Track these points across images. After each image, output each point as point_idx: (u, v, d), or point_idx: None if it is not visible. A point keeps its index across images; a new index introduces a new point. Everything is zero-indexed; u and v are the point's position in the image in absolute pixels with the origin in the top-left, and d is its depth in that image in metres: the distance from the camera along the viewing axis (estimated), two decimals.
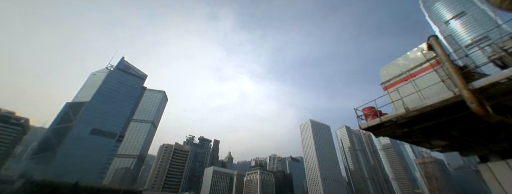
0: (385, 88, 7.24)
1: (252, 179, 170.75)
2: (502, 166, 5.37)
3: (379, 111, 6.86)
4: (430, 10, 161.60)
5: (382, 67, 7.73)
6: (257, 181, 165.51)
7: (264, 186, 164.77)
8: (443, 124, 5.80)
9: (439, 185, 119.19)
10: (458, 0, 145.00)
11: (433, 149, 7.64)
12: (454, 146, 6.89)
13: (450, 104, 5.03)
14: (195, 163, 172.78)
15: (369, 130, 7.04)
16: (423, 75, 6.22)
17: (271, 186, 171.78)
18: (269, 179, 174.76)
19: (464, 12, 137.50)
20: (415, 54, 6.74)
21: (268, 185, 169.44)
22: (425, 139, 6.84)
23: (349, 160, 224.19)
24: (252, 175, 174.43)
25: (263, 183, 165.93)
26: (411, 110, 5.66)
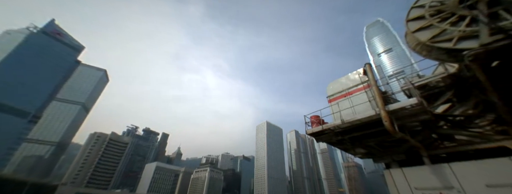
0: (329, 101, 8.07)
1: (200, 177, 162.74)
2: (399, 172, 6.67)
3: (322, 119, 7.65)
4: (369, 43, 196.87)
5: (329, 84, 8.62)
6: (205, 179, 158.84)
7: (212, 185, 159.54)
8: (365, 135, 6.88)
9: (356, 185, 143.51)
10: (389, 39, 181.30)
11: (356, 155, 8.92)
12: (370, 154, 8.28)
13: (372, 120, 6.03)
14: (134, 157, 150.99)
15: (312, 135, 7.70)
16: (357, 94, 7.18)
17: (219, 184, 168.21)
18: (218, 178, 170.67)
19: (391, 49, 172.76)
20: (354, 76, 7.76)
21: (216, 183, 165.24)
22: (352, 147, 7.95)
23: (293, 161, 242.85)
24: (201, 173, 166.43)
25: (211, 181, 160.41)
26: (345, 122, 6.48)
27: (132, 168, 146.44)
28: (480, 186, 5.06)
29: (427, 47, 5.22)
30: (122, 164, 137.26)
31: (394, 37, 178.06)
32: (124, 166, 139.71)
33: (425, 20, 5.48)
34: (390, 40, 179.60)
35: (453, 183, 5.50)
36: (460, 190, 5.29)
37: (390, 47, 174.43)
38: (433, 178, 5.92)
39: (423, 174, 6.16)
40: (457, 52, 4.69)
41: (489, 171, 5.11)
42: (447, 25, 5.02)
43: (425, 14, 5.54)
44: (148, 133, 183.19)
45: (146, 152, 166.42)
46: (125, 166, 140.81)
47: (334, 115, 7.42)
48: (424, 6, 5.71)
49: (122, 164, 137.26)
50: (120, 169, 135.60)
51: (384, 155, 7.64)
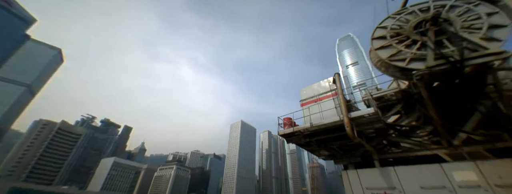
0: (301, 105, 8.42)
1: (164, 175, 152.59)
2: (354, 174, 7.27)
3: (294, 122, 7.93)
4: (340, 54, 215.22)
5: (303, 88, 8.99)
6: (170, 177, 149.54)
7: (177, 183, 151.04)
8: (329, 139, 7.36)
9: (318, 184, 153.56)
10: (356, 53, 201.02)
11: (320, 157, 9.48)
12: (332, 156, 8.89)
13: (336, 125, 6.48)
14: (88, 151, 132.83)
15: (284, 136, 7.90)
16: (326, 101, 7.64)
17: (185, 183, 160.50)
18: (184, 176, 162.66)
19: (357, 62, 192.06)
20: (325, 83, 8.24)
21: (182, 182, 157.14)
22: (317, 149, 8.41)
23: (264, 160, 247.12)
24: (166, 170, 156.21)
25: (177, 179, 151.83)
26: (313, 125, 6.85)
27: (84, 162, 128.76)
28: (416, 188, 5.82)
29: (386, 64, 5.85)
30: (72, 157, 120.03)
31: (361, 52, 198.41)
32: (75, 160, 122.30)
33: (386, 40, 6.15)
34: (357, 54, 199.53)
35: (396, 184, 6.21)
36: (400, 190, 6.02)
37: (357, 60, 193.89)
38: (381, 179, 6.57)
39: (373, 176, 6.76)
40: (408, 71, 5.37)
41: (423, 175, 5.91)
42: (402, 47, 5.72)
43: (387, 35, 6.22)
44: (107, 124, 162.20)
45: (103, 146, 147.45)
46: (76, 160, 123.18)
47: (304, 118, 7.75)
48: (387, 27, 6.41)
49: (72, 157, 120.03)
50: (70, 163, 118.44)
51: (344, 157, 8.25)
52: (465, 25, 5.31)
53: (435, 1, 6.16)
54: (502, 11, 5.28)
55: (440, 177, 5.62)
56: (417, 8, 6.28)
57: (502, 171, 4.95)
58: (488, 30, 5.01)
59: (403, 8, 6.68)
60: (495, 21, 5.07)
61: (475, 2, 5.62)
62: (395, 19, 6.44)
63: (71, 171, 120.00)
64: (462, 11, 5.60)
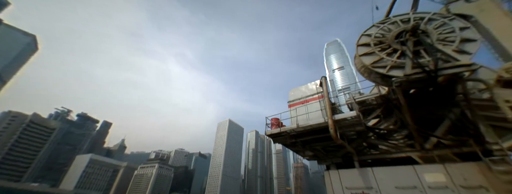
0: (289, 106, 8.52)
1: (145, 174, 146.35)
2: (336, 174, 7.51)
3: (281, 122, 8.03)
4: (327, 59, 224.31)
5: (291, 90, 9.11)
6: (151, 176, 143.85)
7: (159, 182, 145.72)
8: (314, 140, 7.55)
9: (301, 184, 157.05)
10: (342, 58, 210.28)
11: (305, 157, 9.67)
12: (316, 157, 9.11)
13: (321, 127, 6.65)
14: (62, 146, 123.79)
15: (270, 136, 7.94)
16: (312, 103, 7.79)
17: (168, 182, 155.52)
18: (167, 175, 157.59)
19: (343, 67, 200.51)
20: (312, 86, 8.42)
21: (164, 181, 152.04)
22: (302, 149, 8.57)
23: (250, 160, 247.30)
24: (147, 169, 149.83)
25: (159, 178, 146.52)
26: (299, 126, 6.98)
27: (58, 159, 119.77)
28: (391, 188, 6.14)
29: (368, 70, 6.11)
30: (44, 153, 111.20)
31: (347, 57, 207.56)
32: (47, 155, 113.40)
33: (370, 47, 6.42)
34: (343, 60, 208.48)
35: (373, 184, 6.50)
36: (377, 190, 6.32)
37: (343, 65, 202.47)
38: (359, 179, 6.84)
39: (353, 176, 7.02)
40: (388, 78, 5.66)
41: (398, 175, 6.26)
42: (384, 55, 6.01)
43: (371, 42, 6.50)
44: (84, 119, 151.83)
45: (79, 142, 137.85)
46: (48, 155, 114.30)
47: (291, 119, 7.85)
48: (371, 35, 6.69)
49: (44, 153, 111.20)
50: (41, 158, 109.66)
51: (326, 158, 8.49)
52: (440, 38, 5.70)
53: (415, 14, 6.55)
54: (473, 26, 5.75)
55: (413, 178, 5.98)
56: (399, 18, 6.64)
57: (467, 174, 5.38)
58: (460, 43, 5.43)
59: (386, 18, 7.03)
60: (467, 35, 5.50)
61: (450, 16, 6.06)
62: (379, 28, 6.75)
63: (43, 168, 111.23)
64: (438, 24, 6.01)
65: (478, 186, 5.11)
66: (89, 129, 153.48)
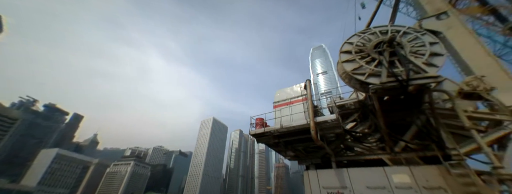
0: (274, 106, 8.63)
1: (119, 171, 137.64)
2: (314, 174, 7.76)
3: (265, 122, 8.13)
4: (313, 63, 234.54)
5: (277, 91, 9.24)
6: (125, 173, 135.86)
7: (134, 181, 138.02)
8: (296, 140, 7.75)
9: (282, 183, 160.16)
10: (326, 63, 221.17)
11: (286, 157, 9.85)
12: (297, 157, 9.34)
13: (303, 128, 6.85)
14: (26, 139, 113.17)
15: (254, 136, 7.98)
16: (296, 104, 7.99)
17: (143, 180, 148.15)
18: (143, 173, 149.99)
19: (326, 72, 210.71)
20: (297, 88, 8.63)
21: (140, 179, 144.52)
22: (284, 150, 8.73)
23: (232, 159, 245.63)
24: (121, 166, 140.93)
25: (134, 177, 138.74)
26: (283, 127, 7.13)
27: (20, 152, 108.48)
28: (363, 188, 6.52)
29: (349, 76, 6.44)
30: (4, 145, 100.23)
31: (330, 63, 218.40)
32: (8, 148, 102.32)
33: (351, 55, 6.77)
34: (327, 65, 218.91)
35: (347, 184, 6.84)
36: (351, 189, 6.67)
37: (326, 70, 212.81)
38: (336, 179, 7.14)
39: (330, 176, 7.30)
40: (366, 85, 6.02)
41: (369, 176, 6.67)
42: (364, 63, 6.37)
43: (352, 50, 6.85)
44: (52, 110, 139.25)
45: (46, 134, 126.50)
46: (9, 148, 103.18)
47: (276, 119, 7.96)
48: (353, 43, 7.06)
49: (4, 145, 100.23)
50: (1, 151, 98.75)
51: (307, 158, 8.74)
52: (412, 50, 6.20)
53: (392, 26, 7.05)
54: (441, 42, 6.34)
55: (382, 178, 6.42)
56: (378, 30, 7.09)
57: (429, 175, 5.90)
58: (429, 56, 5.95)
59: (367, 28, 7.46)
60: (435, 50, 6.05)
61: (422, 32, 6.62)
62: (360, 37, 7.14)
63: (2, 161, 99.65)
64: (411, 38, 6.53)
65: (438, 187, 5.62)
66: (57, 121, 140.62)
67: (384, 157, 7.02)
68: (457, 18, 7.94)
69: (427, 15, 8.54)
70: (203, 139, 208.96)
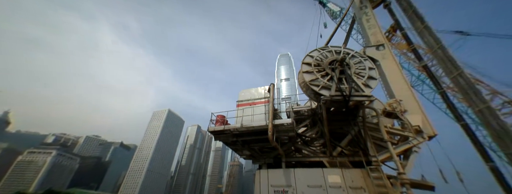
0: (237, 105, 8.70)
1: (35, 161, 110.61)
2: (265, 173, 8.17)
3: (226, 120, 8.11)
4: (278, 68, 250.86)
5: (242, 90, 9.34)
6: (44, 164, 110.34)
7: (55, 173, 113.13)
8: (253, 140, 8.04)
9: (234, 182, 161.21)
10: (290, 70, 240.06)
11: (242, 156, 10.06)
12: (252, 156, 9.65)
13: (262, 129, 7.17)
14: None
15: (213, 133, 7.85)
16: (259, 106, 8.30)
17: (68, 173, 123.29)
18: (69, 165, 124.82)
19: (289, 79, 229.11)
20: (261, 90, 8.95)
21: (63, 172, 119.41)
22: (241, 148, 8.92)
23: (185, 156, 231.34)
24: (38, 155, 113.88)
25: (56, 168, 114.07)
26: (243, 126, 7.31)
27: None
28: (304, 186, 7.28)
29: (306, 86, 7.19)
30: None
31: (293, 71, 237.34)
32: None
33: (311, 67, 7.58)
34: (290, 72, 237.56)
35: (292, 183, 7.47)
36: (294, 188, 7.35)
37: (289, 77, 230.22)
38: (283, 178, 7.70)
39: (278, 175, 7.82)
40: (318, 95, 6.86)
41: (311, 176, 7.50)
42: (319, 76, 7.25)
43: (312, 63, 7.68)
44: None
45: None
46: None
47: (237, 118, 8.06)
48: (313, 57, 7.92)
49: None
50: None
51: (261, 158, 9.14)
52: (356, 71, 7.43)
53: (345, 49, 8.27)
54: (377, 68, 7.82)
55: (320, 178, 7.34)
56: (334, 49, 8.19)
57: (354, 177, 7.05)
58: (367, 79, 7.26)
59: (326, 46, 8.52)
60: (372, 74, 7.42)
61: (365, 57, 8.01)
62: (319, 52, 8.08)
63: None
64: (357, 61, 7.82)
65: (360, 187, 6.78)
66: None
67: (324, 160, 8.07)
68: (390, 51, 9.94)
69: (370, 44, 10.37)
70: (153, 131, 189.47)
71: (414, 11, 10.74)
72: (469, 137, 7.82)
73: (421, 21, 10.32)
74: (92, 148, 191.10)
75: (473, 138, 7.68)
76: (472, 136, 7.74)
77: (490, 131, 7.30)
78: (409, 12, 11.04)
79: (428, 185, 6.88)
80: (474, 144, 7.56)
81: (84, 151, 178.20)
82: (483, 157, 7.26)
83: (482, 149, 7.38)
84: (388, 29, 28.02)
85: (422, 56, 14.19)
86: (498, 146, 7.15)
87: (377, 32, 10.92)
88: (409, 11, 11.01)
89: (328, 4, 33.11)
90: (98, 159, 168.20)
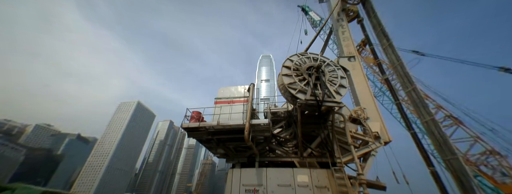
0: (215, 102, 8.47)
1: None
2: (238, 172, 8.10)
3: (202, 117, 7.82)
4: (259, 69, 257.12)
5: (221, 88, 9.13)
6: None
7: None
8: (229, 139, 7.92)
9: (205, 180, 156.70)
10: (271, 72, 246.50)
11: (216, 154, 9.86)
12: (226, 155, 9.53)
13: (238, 128, 7.11)
14: None
15: (187, 130, 7.50)
16: (237, 104, 8.20)
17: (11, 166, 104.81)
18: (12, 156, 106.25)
19: (269, 80, 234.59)
20: (241, 89, 8.88)
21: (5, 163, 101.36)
22: (216, 147, 8.69)
23: (153, 152, 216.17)
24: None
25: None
26: (220, 124, 7.15)
27: None
28: (275, 185, 7.45)
29: (285, 88, 7.42)
30: None
31: (273, 73, 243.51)
32: None
33: (290, 70, 7.85)
34: (271, 74, 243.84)
35: (263, 182, 7.58)
36: (265, 187, 7.49)
37: (269, 79, 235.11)
38: (255, 177, 7.75)
39: (251, 174, 7.85)
40: (295, 98, 7.14)
41: (282, 175, 7.71)
42: (297, 80, 7.56)
43: (291, 67, 7.96)
44: None
45: None
46: None
47: (214, 115, 7.84)
48: (293, 61, 8.22)
49: None
50: None
51: (235, 157, 9.09)
52: (330, 79, 7.96)
53: (322, 57, 8.78)
54: (347, 78, 8.49)
55: (290, 178, 7.61)
56: (312, 56, 8.63)
57: (320, 177, 7.46)
58: (338, 87, 7.82)
59: (305, 52, 8.93)
60: (343, 83, 8.03)
61: (338, 67, 8.62)
62: (299, 58, 8.43)
63: None
64: (331, 69, 8.37)
65: (324, 186, 7.21)
66: None
67: (295, 160, 8.41)
68: (360, 63, 10.89)
69: (343, 55, 11.22)
70: (118, 124, 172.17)
71: (381, 29, 11.98)
72: (416, 144, 9.03)
73: (387, 39, 11.58)
74: (42, 139, 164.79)
75: (419, 145, 8.90)
76: (419, 143, 8.96)
77: (433, 139, 8.56)
78: (377, 30, 12.28)
79: (381, 185, 7.69)
80: (420, 150, 8.75)
81: (32, 141, 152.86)
82: (426, 162, 8.46)
83: (425, 155, 8.60)
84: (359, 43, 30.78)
85: (385, 70, 15.92)
86: (438, 153, 8.43)
87: (350, 44, 11.86)
88: (378, 29, 12.25)
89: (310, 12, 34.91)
90: (48, 152, 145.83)
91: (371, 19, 12.81)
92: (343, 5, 13.75)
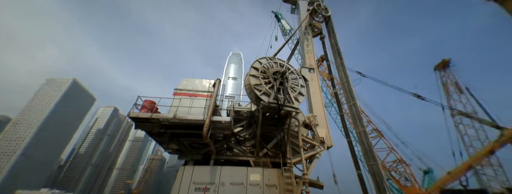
0: (174, 93, 7.68)
1: None
2: (190, 169, 7.56)
3: (157, 108, 6.98)
4: (228, 66, 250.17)
5: (184, 79, 8.35)
6: None
7: None
8: (185, 134, 7.33)
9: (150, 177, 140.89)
10: (239, 71, 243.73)
11: (167, 150, 9.01)
12: (179, 151, 8.82)
13: (197, 124, 6.66)
14: None
15: (135, 120, 6.55)
16: (200, 99, 7.68)
17: None
18: None
19: (236, 78, 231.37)
20: (206, 83, 8.36)
21: None
22: (168, 142, 7.93)
23: (86, 142, 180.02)
24: None
25: None
26: (176, 117, 6.51)
27: None
28: (227, 184, 7.32)
29: (250, 89, 7.45)
30: None
31: (242, 71, 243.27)
32: None
33: (258, 72, 7.97)
34: (239, 72, 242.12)
35: (216, 180, 7.32)
36: (216, 185, 7.25)
37: (237, 77, 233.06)
38: (208, 175, 7.43)
39: (204, 172, 7.49)
40: (259, 100, 7.26)
41: (236, 174, 7.65)
42: (263, 82, 7.73)
43: (259, 68, 8.10)
44: None
45: None
46: None
47: (171, 107, 7.10)
48: (261, 63, 8.39)
49: None
50: None
51: (189, 153, 8.49)
52: (292, 85, 8.48)
53: (287, 64, 9.29)
54: (306, 87, 9.24)
55: (244, 176, 7.63)
56: (280, 62, 9.03)
57: (271, 176, 7.76)
58: (297, 94, 8.41)
59: (274, 57, 9.27)
60: (302, 91, 8.68)
61: (300, 76, 9.30)
62: (267, 61, 8.66)
63: None
64: (294, 77, 8.94)
65: (273, 184, 7.54)
66: None
67: (251, 159, 8.53)
68: (317, 76, 12.09)
69: (305, 66, 12.24)
70: (43, 103, 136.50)
71: (337, 49, 13.69)
72: (350, 150, 10.66)
73: (340, 58, 13.30)
74: None
75: (352, 151, 10.54)
76: (352, 149, 10.61)
77: (362, 147, 10.28)
78: (334, 49, 13.97)
79: (319, 184, 8.64)
80: (352, 156, 10.37)
81: None
82: (355, 166, 10.06)
83: (356, 160, 10.23)
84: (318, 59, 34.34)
85: (336, 85, 18.16)
86: (365, 158, 10.15)
87: (311, 57, 13.04)
88: (334, 48, 13.94)
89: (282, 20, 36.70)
90: None
91: (331, 38, 14.48)
92: (311, 20, 15.07)
